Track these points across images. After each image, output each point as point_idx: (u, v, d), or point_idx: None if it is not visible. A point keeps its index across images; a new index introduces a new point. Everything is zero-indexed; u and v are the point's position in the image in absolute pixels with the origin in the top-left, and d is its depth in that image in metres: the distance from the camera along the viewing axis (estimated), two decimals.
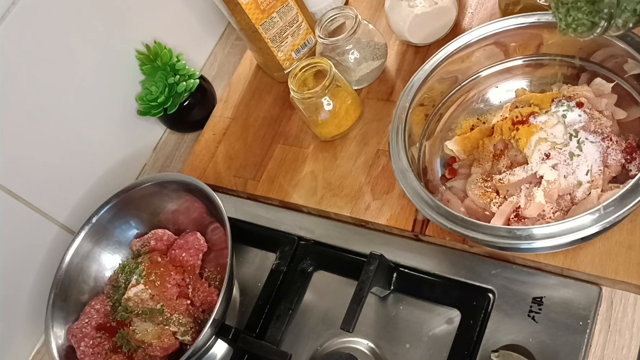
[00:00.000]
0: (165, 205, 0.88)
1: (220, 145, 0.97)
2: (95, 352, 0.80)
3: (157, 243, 0.86)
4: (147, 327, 0.78)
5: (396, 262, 0.75)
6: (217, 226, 0.84)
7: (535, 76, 0.77)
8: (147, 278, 0.79)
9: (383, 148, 0.84)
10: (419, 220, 0.76)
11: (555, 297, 0.66)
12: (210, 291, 0.80)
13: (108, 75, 0.96)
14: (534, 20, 0.72)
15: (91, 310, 0.83)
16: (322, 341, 0.76)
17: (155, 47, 0.98)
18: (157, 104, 0.98)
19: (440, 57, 0.76)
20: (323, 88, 0.81)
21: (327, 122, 0.85)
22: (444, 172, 0.77)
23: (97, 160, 0.98)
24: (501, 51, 0.77)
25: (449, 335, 0.70)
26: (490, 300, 0.69)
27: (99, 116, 0.96)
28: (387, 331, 0.73)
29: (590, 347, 0.63)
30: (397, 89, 0.88)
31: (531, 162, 0.67)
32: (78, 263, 0.86)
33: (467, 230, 0.63)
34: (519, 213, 0.67)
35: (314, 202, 0.84)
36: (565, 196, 0.66)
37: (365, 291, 0.67)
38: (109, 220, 0.87)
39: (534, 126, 0.68)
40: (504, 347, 0.64)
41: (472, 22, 0.88)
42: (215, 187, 0.88)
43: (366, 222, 0.80)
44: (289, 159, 0.90)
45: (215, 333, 0.76)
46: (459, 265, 0.72)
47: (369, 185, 0.81)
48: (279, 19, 0.90)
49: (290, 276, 0.80)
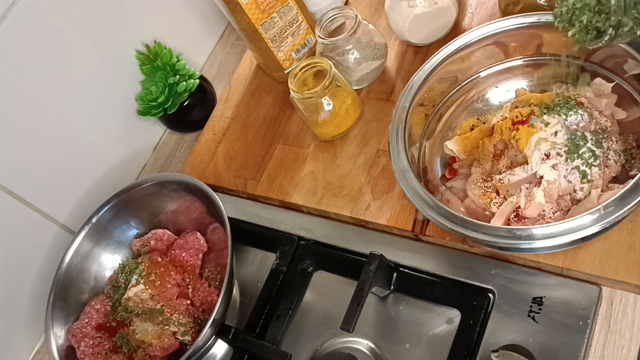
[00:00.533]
0: (165, 205, 0.88)
1: (220, 145, 0.97)
2: (95, 352, 0.80)
3: (157, 243, 0.86)
4: (147, 327, 0.78)
5: (396, 262, 0.75)
6: (217, 226, 0.84)
7: (535, 76, 0.77)
8: (147, 278, 0.79)
9: (383, 148, 0.84)
10: (419, 220, 0.76)
11: (555, 297, 0.66)
12: (210, 291, 0.80)
13: (108, 75, 0.96)
14: (534, 20, 0.72)
15: (91, 310, 0.83)
16: (322, 341, 0.76)
17: (155, 47, 0.98)
18: (157, 104, 0.98)
19: (440, 57, 0.76)
20: (323, 88, 0.81)
21: (327, 122, 0.85)
22: (444, 172, 0.77)
23: (97, 160, 0.98)
24: (501, 51, 0.77)
25: (449, 335, 0.70)
26: (490, 300, 0.69)
27: (99, 116, 0.96)
28: (387, 331, 0.73)
29: (590, 347, 0.63)
30: (397, 89, 0.88)
31: (531, 162, 0.67)
32: (78, 263, 0.86)
33: (467, 230, 0.63)
34: (519, 213, 0.67)
35: (314, 202, 0.84)
36: (565, 196, 0.66)
37: (365, 291, 0.67)
38: (109, 220, 0.87)
39: (534, 126, 0.68)
40: (504, 347, 0.64)
41: (472, 22, 0.88)
42: (215, 187, 0.88)
43: (366, 222, 0.80)
44: (289, 159, 0.90)
45: (215, 333, 0.76)
46: (459, 265, 0.72)
47: (369, 185, 0.81)
48: (279, 19, 0.90)
49: (290, 276, 0.80)
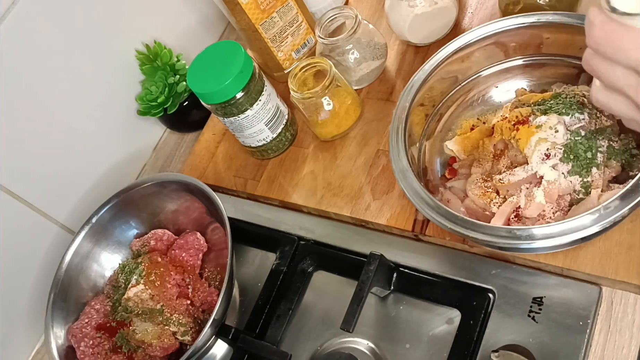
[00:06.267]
0: (165, 205, 0.88)
1: (220, 145, 0.97)
2: (95, 352, 0.80)
3: (157, 243, 0.86)
4: (147, 327, 0.78)
5: (396, 262, 0.75)
6: (217, 226, 0.84)
7: (535, 76, 0.77)
8: (147, 278, 0.79)
9: (383, 148, 0.84)
10: (419, 220, 0.76)
11: (555, 297, 0.66)
12: (210, 291, 0.80)
13: (108, 75, 0.96)
14: (534, 20, 0.72)
15: (91, 310, 0.83)
16: (322, 341, 0.76)
17: (155, 47, 0.98)
18: (157, 104, 0.98)
19: (440, 57, 0.76)
20: (323, 88, 0.81)
21: (327, 122, 0.85)
22: (444, 172, 0.77)
23: (97, 160, 0.98)
24: (501, 51, 0.77)
25: (449, 335, 0.70)
26: (490, 300, 0.69)
27: (99, 116, 0.96)
28: (387, 331, 0.73)
29: (590, 347, 0.63)
30: (397, 89, 0.88)
31: (531, 162, 0.67)
32: (78, 263, 0.86)
33: (467, 230, 0.63)
34: (519, 213, 0.67)
35: (314, 202, 0.84)
36: (565, 196, 0.66)
37: (365, 291, 0.67)
38: (109, 220, 0.87)
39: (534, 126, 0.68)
40: (504, 347, 0.64)
41: (472, 22, 0.88)
42: (215, 187, 0.88)
43: (366, 222, 0.80)
44: (289, 159, 0.90)
45: (215, 333, 0.76)
46: (459, 265, 0.72)
47: (369, 185, 0.81)
48: (279, 19, 0.90)
49: (290, 276, 0.80)
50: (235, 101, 0.81)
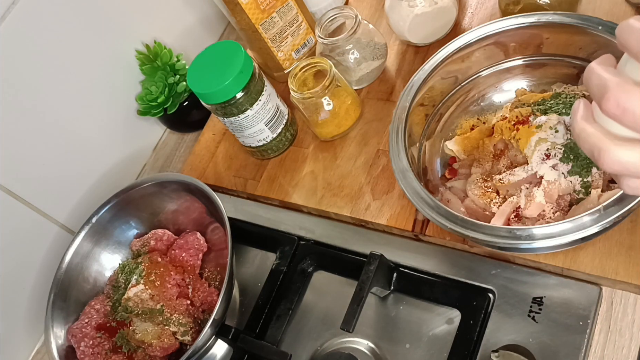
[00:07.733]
0: (165, 205, 0.88)
1: (220, 145, 0.97)
2: (95, 352, 0.80)
3: (157, 243, 0.86)
4: (147, 327, 0.78)
5: (396, 262, 0.75)
6: (217, 226, 0.84)
7: (535, 76, 0.77)
8: (147, 278, 0.79)
9: (383, 148, 0.84)
10: (419, 220, 0.76)
11: (555, 297, 0.66)
12: (210, 291, 0.80)
13: (108, 75, 0.96)
14: (534, 20, 0.72)
15: (91, 310, 0.83)
16: (322, 341, 0.76)
17: (155, 47, 0.98)
18: (157, 104, 0.98)
19: (440, 57, 0.76)
20: (323, 88, 0.81)
21: (327, 122, 0.85)
22: (444, 172, 0.77)
23: (97, 160, 0.98)
24: (501, 51, 0.77)
25: (449, 335, 0.70)
26: (490, 300, 0.69)
27: (99, 116, 0.96)
28: (387, 331, 0.73)
29: (590, 347, 0.63)
30: (397, 89, 0.88)
31: (531, 162, 0.67)
32: (78, 263, 0.86)
33: (467, 230, 0.63)
34: (519, 213, 0.67)
35: (314, 202, 0.84)
36: (565, 196, 0.66)
37: (365, 291, 0.67)
38: (109, 220, 0.87)
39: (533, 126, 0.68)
40: (504, 347, 0.64)
41: (472, 22, 0.88)
42: (215, 187, 0.88)
43: (366, 222, 0.80)
44: (289, 159, 0.90)
45: (215, 333, 0.76)
46: (459, 265, 0.72)
47: (369, 185, 0.81)
48: (279, 19, 0.90)
49: (290, 276, 0.80)
50: (235, 101, 0.81)
